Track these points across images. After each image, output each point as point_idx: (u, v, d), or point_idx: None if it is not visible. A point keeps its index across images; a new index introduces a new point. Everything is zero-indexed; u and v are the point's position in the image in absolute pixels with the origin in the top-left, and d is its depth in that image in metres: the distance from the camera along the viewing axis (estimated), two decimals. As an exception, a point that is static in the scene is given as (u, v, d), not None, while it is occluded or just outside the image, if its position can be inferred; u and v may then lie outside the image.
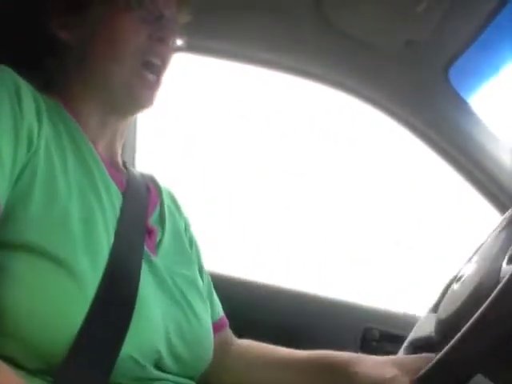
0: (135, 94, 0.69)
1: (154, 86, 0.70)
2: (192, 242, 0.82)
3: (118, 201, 0.65)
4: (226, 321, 0.84)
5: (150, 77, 0.69)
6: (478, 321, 0.49)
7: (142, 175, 0.79)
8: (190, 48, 0.80)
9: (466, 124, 1.03)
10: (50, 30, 0.69)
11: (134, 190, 0.70)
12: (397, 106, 1.07)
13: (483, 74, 1.02)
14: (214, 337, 0.73)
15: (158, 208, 0.75)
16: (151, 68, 0.69)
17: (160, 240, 0.70)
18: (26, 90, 0.59)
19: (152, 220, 0.72)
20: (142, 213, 0.69)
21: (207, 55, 1.09)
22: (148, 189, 0.76)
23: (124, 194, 0.67)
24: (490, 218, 1.09)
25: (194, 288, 0.71)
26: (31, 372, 0.51)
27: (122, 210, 0.64)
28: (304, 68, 1.08)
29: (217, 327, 0.78)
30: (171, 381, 0.62)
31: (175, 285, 0.66)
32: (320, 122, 2.04)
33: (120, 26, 0.68)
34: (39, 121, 0.59)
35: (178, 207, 0.83)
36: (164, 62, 0.71)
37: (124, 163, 0.77)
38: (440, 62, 0.98)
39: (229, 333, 0.84)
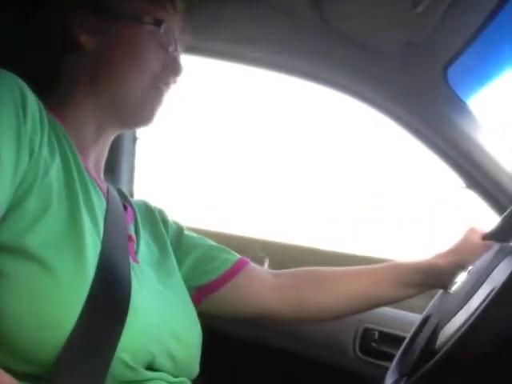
0: (144, 111, 0.72)
1: (160, 105, 0.74)
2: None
3: (103, 208, 0.66)
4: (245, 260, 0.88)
5: (159, 98, 0.73)
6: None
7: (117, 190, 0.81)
8: (188, 49, 0.80)
9: (465, 124, 1.03)
10: (71, 31, 0.69)
11: (115, 200, 0.72)
12: (395, 107, 1.07)
13: (482, 74, 1.02)
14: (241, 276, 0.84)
15: (133, 221, 0.78)
16: (159, 91, 0.73)
17: (137, 248, 0.72)
18: (32, 99, 0.59)
19: (130, 229, 0.74)
20: (124, 220, 0.70)
21: (205, 56, 1.09)
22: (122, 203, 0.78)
23: (107, 202, 0.69)
24: (488, 218, 1.09)
25: (176, 293, 0.73)
26: (22, 377, 0.51)
27: (106, 217, 0.65)
28: (302, 68, 1.08)
29: (238, 267, 0.85)
30: (165, 380, 0.62)
31: (159, 289, 0.68)
32: (317, 121, 2.03)
33: (143, 46, 0.70)
34: (42, 130, 0.59)
35: (155, 218, 0.84)
36: (169, 88, 0.75)
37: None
38: (439, 62, 0.98)
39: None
